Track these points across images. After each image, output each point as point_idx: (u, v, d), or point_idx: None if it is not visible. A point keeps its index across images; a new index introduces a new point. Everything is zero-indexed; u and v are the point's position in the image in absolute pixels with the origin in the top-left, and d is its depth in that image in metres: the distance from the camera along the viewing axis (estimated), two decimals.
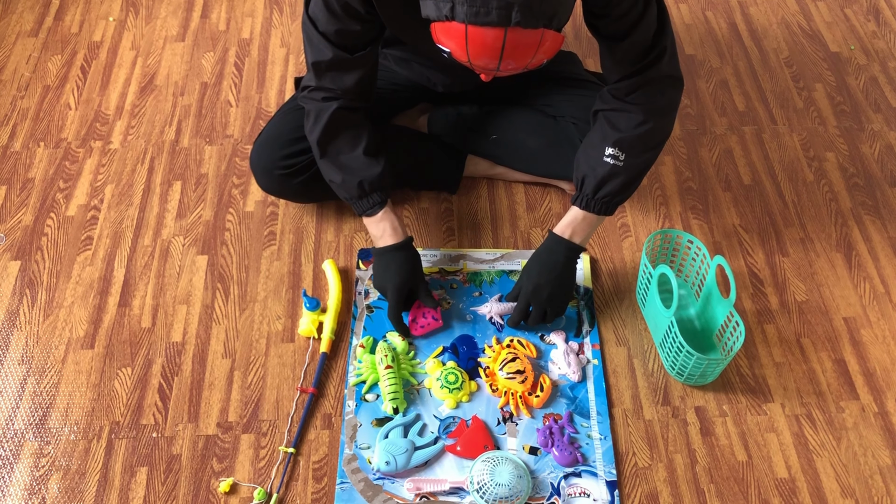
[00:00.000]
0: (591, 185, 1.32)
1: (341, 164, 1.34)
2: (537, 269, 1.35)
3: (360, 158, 1.34)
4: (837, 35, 2.00)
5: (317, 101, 1.33)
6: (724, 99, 1.83)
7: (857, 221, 1.60)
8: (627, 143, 1.30)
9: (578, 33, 1.97)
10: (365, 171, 1.34)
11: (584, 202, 1.33)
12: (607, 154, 1.30)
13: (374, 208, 1.35)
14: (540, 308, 1.35)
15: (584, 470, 1.25)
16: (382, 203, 1.36)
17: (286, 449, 1.25)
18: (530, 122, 1.54)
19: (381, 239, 1.36)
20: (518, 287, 1.37)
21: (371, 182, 1.34)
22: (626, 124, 1.30)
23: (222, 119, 1.75)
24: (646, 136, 1.31)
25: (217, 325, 1.41)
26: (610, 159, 1.30)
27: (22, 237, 1.53)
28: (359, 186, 1.34)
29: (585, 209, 1.34)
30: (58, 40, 1.92)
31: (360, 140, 1.34)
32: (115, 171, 1.64)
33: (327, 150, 1.35)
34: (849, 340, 1.42)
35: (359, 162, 1.34)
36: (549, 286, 1.34)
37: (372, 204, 1.35)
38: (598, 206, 1.33)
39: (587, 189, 1.33)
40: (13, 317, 1.42)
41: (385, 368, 1.31)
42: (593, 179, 1.31)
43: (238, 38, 1.94)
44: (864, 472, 1.27)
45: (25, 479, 1.23)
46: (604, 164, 1.30)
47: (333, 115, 1.32)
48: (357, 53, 1.29)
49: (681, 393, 1.34)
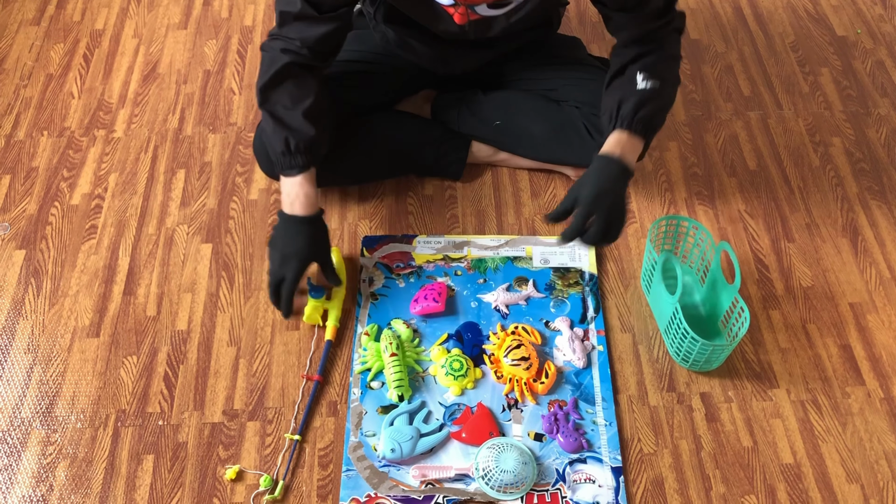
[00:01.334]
0: (630, 105, 1.28)
1: (278, 115, 1.32)
2: (595, 180, 1.25)
3: (297, 117, 1.31)
4: (844, 19, 1.98)
5: (274, 51, 1.32)
6: (730, 84, 1.82)
7: (864, 206, 1.59)
8: (656, 71, 1.30)
9: (582, 19, 1.96)
10: (297, 130, 1.31)
11: (626, 122, 1.28)
12: (640, 80, 1.30)
13: (294, 170, 1.32)
14: (603, 218, 1.24)
15: (589, 456, 1.25)
16: (304, 167, 1.32)
17: (292, 436, 1.25)
18: (534, 107, 1.53)
19: (291, 204, 1.33)
20: (572, 198, 1.26)
21: (299, 142, 1.31)
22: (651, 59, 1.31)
23: (225, 107, 1.74)
24: (668, 70, 1.33)
25: (222, 313, 1.41)
26: (644, 83, 1.29)
27: (26, 226, 1.53)
28: (284, 142, 1.31)
29: (628, 129, 1.29)
30: (60, 29, 1.92)
31: (304, 99, 1.32)
32: (119, 159, 1.64)
33: (268, 98, 1.32)
34: (855, 326, 1.42)
35: (295, 120, 1.31)
36: (612, 194, 1.25)
37: (293, 165, 1.31)
38: (639, 126, 1.29)
39: (625, 110, 1.29)
40: (19, 306, 1.42)
41: (390, 356, 1.31)
42: (632, 101, 1.29)
43: (241, 25, 1.93)
44: (869, 457, 1.27)
45: (33, 466, 1.24)
46: (640, 90, 1.29)
47: (285, 66, 1.31)
48: (326, 13, 1.28)
49: (686, 379, 1.34)
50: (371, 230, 1.53)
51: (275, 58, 1.32)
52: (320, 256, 1.35)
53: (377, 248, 1.49)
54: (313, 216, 1.33)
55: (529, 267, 1.47)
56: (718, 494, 1.22)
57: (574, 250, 1.49)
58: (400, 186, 1.60)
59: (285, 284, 1.32)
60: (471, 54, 1.49)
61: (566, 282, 1.45)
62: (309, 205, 1.33)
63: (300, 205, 1.32)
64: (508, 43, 1.50)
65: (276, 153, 1.33)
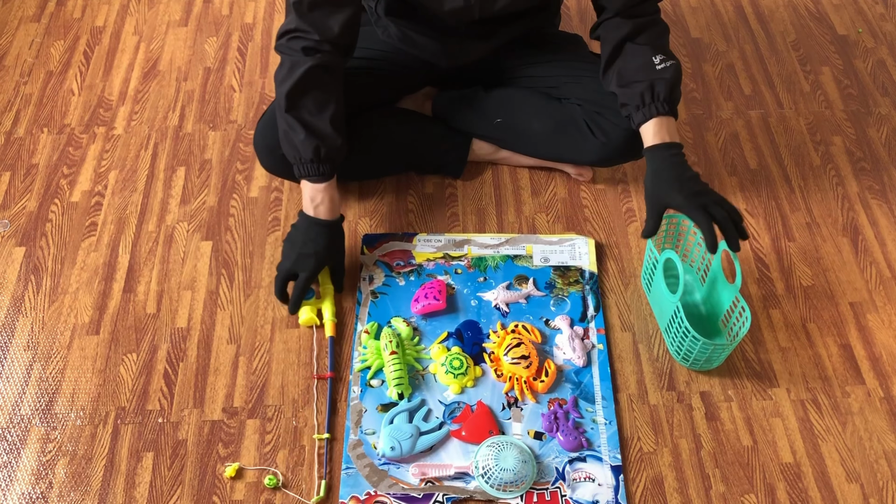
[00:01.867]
0: (664, 88, 1.31)
1: (306, 122, 1.33)
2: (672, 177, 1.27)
3: (326, 126, 1.33)
4: (845, 17, 1.98)
5: (295, 52, 1.32)
6: (731, 83, 1.82)
7: (864, 205, 1.59)
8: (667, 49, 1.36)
9: (583, 17, 1.96)
10: (327, 139, 1.33)
11: (665, 107, 1.31)
12: (658, 61, 1.33)
13: (322, 177, 1.35)
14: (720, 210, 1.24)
15: (588, 455, 1.25)
16: (330, 176, 1.35)
17: (321, 436, 1.25)
18: (535, 104, 1.53)
19: (315, 208, 1.35)
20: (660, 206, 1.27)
21: (328, 151, 1.33)
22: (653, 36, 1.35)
23: (226, 104, 1.74)
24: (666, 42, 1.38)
25: (222, 310, 1.41)
26: (662, 64, 1.33)
27: (26, 223, 1.53)
28: (315, 150, 1.32)
29: (666, 114, 1.31)
30: (60, 25, 1.92)
31: (329, 106, 1.34)
32: (119, 156, 1.64)
33: (295, 105, 1.33)
34: (855, 325, 1.42)
35: (324, 128, 1.33)
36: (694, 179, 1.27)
37: (321, 172, 1.34)
38: (673, 107, 1.33)
39: (660, 93, 1.31)
40: (18, 303, 1.42)
41: (390, 354, 1.31)
42: (664, 83, 1.31)
43: (241, 22, 1.93)
44: (869, 456, 1.27)
45: (32, 464, 1.24)
46: (665, 69, 1.33)
47: (309, 71, 1.31)
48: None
49: (686, 378, 1.34)
50: (371, 228, 1.53)
51: (297, 61, 1.32)
52: (335, 260, 1.39)
53: (377, 246, 1.49)
54: (335, 220, 1.37)
55: (530, 265, 1.47)
56: (718, 493, 1.22)
57: (575, 248, 1.49)
58: (400, 184, 1.59)
59: (298, 282, 1.34)
60: (472, 45, 1.49)
61: (566, 280, 1.45)
62: (333, 209, 1.36)
63: (325, 209, 1.35)
64: (509, 31, 1.49)
65: (305, 160, 1.34)
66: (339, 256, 1.40)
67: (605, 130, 1.47)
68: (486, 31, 1.47)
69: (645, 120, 1.32)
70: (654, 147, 1.31)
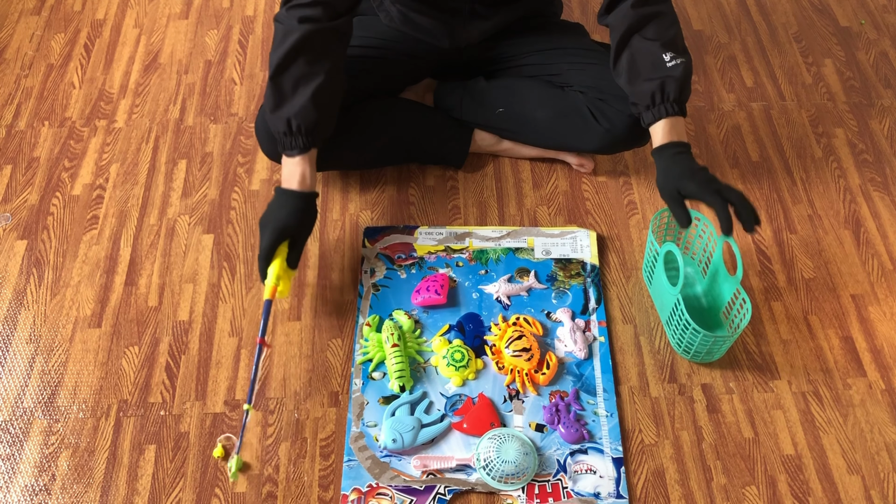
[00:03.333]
0: (674, 87, 1.31)
1: (284, 92, 1.31)
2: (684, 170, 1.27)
3: (303, 99, 1.30)
4: (847, 9, 1.98)
5: (291, 20, 1.30)
6: (732, 75, 1.82)
7: (866, 198, 1.59)
8: (674, 43, 1.34)
9: (585, 8, 1.95)
10: (300, 112, 1.30)
11: (675, 108, 1.31)
12: (668, 59, 1.32)
13: (294, 151, 1.31)
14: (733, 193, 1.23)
15: (590, 447, 1.25)
16: (304, 149, 1.31)
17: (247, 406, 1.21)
18: (538, 93, 1.53)
19: (287, 181, 1.32)
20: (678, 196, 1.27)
21: (300, 124, 1.30)
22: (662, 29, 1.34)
23: (227, 97, 1.74)
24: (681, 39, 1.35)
25: (223, 303, 1.41)
26: (673, 61, 1.32)
27: (28, 216, 1.53)
28: (286, 123, 1.30)
29: (675, 114, 1.31)
30: (61, 18, 1.91)
31: (315, 78, 1.30)
32: (120, 149, 1.64)
33: (280, 73, 1.31)
34: (856, 317, 1.42)
35: (300, 100, 1.30)
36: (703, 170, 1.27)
37: (294, 145, 1.31)
38: (682, 107, 1.32)
39: (671, 93, 1.31)
40: (20, 296, 1.42)
41: (391, 346, 1.31)
42: (675, 82, 1.31)
43: (242, 15, 1.92)
44: (870, 448, 1.27)
45: (35, 456, 1.24)
46: (675, 67, 1.32)
47: (300, 39, 1.29)
48: None
49: (687, 370, 1.34)
50: (373, 221, 1.53)
51: (291, 29, 1.30)
52: (298, 233, 1.31)
53: (379, 239, 1.49)
54: (304, 193, 1.32)
55: (531, 258, 1.47)
56: (719, 485, 1.23)
57: (576, 241, 1.49)
58: (402, 177, 1.59)
59: (261, 253, 1.29)
60: (473, 25, 1.48)
61: (568, 273, 1.45)
62: (303, 183, 1.31)
63: (295, 182, 1.31)
64: (511, 11, 1.49)
65: (278, 132, 1.32)
66: (302, 230, 1.32)
67: (608, 117, 1.46)
68: (487, 11, 1.47)
69: (655, 120, 1.32)
70: (662, 147, 1.31)
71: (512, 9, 1.49)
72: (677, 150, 1.30)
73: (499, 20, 1.49)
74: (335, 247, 1.49)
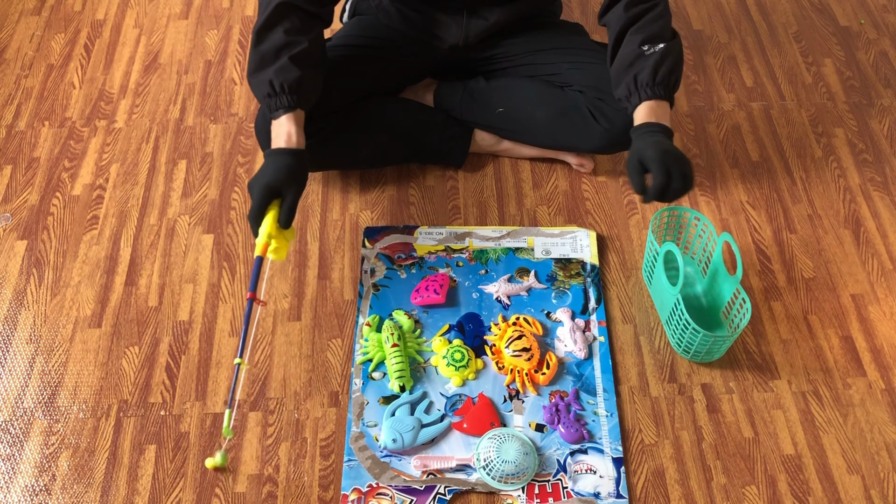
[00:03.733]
0: (646, 75, 1.31)
1: (265, 57, 1.30)
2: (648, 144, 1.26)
3: (284, 60, 1.29)
4: (847, 9, 1.98)
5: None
6: (732, 74, 1.82)
7: (866, 197, 1.59)
8: (657, 37, 1.34)
9: (585, 9, 1.95)
10: (281, 71, 1.29)
11: (649, 92, 1.31)
12: (645, 49, 1.32)
13: (280, 111, 1.29)
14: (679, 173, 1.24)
15: (590, 447, 1.25)
16: (290, 108, 1.29)
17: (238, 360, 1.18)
18: (538, 92, 1.53)
19: (275, 142, 1.30)
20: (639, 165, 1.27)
21: (283, 83, 1.28)
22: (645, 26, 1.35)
23: (227, 97, 1.74)
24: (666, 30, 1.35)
25: (224, 303, 1.41)
26: (650, 49, 1.32)
27: (28, 217, 1.53)
28: (269, 84, 1.29)
29: (653, 97, 1.31)
30: (61, 18, 1.91)
31: (294, 46, 1.30)
32: (121, 150, 1.64)
33: (260, 41, 1.31)
34: (856, 317, 1.42)
35: (280, 62, 1.29)
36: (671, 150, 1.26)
37: (279, 105, 1.29)
38: (660, 90, 1.31)
39: (642, 80, 1.31)
40: (21, 296, 1.42)
41: (391, 346, 1.31)
42: (646, 70, 1.31)
43: (242, 15, 1.92)
44: (870, 448, 1.27)
45: (36, 456, 1.24)
46: (649, 55, 1.32)
47: (279, 6, 1.30)
48: None
49: (687, 370, 1.34)
50: (373, 221, 1.53)
51: (272, 2, 1.31)
52: (287, 189, 1.26)
53: (379, 239, 1.49)
54: (291, 149, 1.28)
55: (531, 258, 1.47)
56: (719, 485, 1.23)
57: (576, 241, 1.49)
58: (401, 177, 1.59)
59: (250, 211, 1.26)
60: (471, 24, 1.48)
61: (568, 273, 1.45)
62: (289, 141, 1.28)
63: (282, 141, 1.29)
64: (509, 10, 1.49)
65: (263, 96, 1.30)
66: (290, 185, 1.26)
67: (608, 116, 1.46)
68: (486, 11, 1.47)
69: (633, 108, 1.33)
70: (637, 127, 1.31)
71: (511, 8, 1.49)
72: (651, 129, 1.29)
73: (498, 20, 1.49)
74: (335, 247, 1.49)
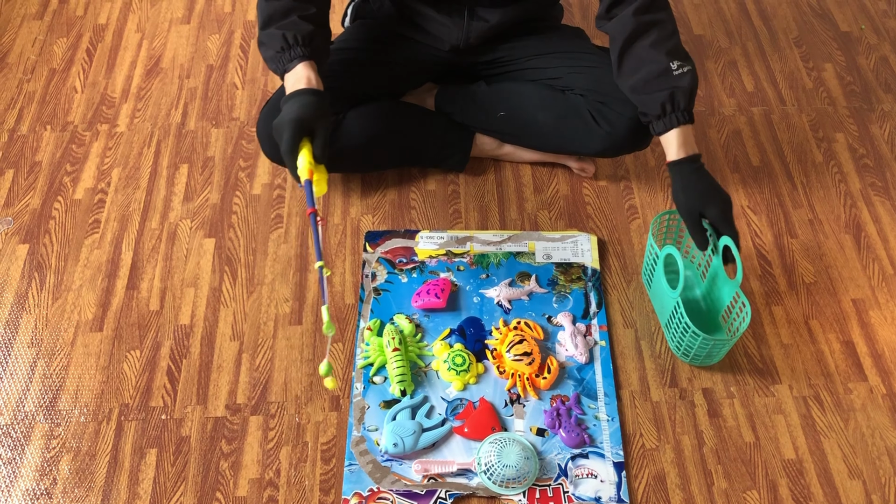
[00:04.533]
0: (685, 97, 1.31)
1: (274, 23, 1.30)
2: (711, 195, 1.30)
3: (294, 18, 1.29)
4: (848, 14, 1.98)
5: None
6: (733, 79, 1.82)
7: (867, 202, 1.59)
8: (678, 51, 1.34)
9: (585, 12, 1.96)
10: (293, 26, 1.29)
11: (685, 116, 1.32)
12: (675, 67, 1.32)
13: (295, 61, 1.28)
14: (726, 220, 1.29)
15: (591, 451, 1.25)
16: (305, 57, 1.28)
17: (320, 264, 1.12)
18: (539, 96, 1.53)
19: (294, 87, 1.28)
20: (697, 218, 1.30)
21: (296, 34, 1.28)
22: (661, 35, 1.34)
23: (228, 102, 1.74)
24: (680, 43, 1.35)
25: (225, 307, 1.41)
26: (679, 69, 1.32)
27: (30, 220, 1.53)
28: (282, 38, 1.28)
29: (686, 123, 1.32)
30: (63, 23, 1.92)
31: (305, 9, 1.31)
32: (122, 154, 1.64)
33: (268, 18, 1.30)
34: (857, 322, 1.42)
35: (292, 20, 1.29)
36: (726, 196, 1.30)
37: (293, 56, 1.28)
38: (691, 115, 1.33)
39: (680, 102, 1.31)
40: (22, 300, 1.42)
41: (392, 351, 1.31)
42: (685, 92, 1.31)
43: (244, 19, 1.93)
44: (871, 453, 1.27)
45: (36, 460, 1.24)
46: (682, 76, 1.32)
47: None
48: None
49: (688, 374, 1.34)
50: (374, 225, 1.53)
51: None
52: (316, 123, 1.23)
53: (380, 243, 1.50)
54: (313, 88, 1.26)
55: (532, 262, 1.47)
56: (720, 490, 1.23)
57: (577, 245, 1.49)
58: (403, 181, 1.60)
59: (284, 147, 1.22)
60: (473, 27, 1.48)
61: (569, 277, 1.45)
62: (310, 83, 1.27)
63: (303, 83, 1.27)
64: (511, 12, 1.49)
65: (275, 52, 1.29)
66: (319, 120, 1.24)
67: (609, 120, 1.47)
68: (487, 14, 1.47)
69: (666, 129, 1.32)
70: (680, 162, 1.31)
71: (511, 10, 1.49)
72: (695, 165, 1.31)
73: (498, 22, 1.49)
74: (336, 251, 1.49)
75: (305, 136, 1.23)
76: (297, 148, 1.21)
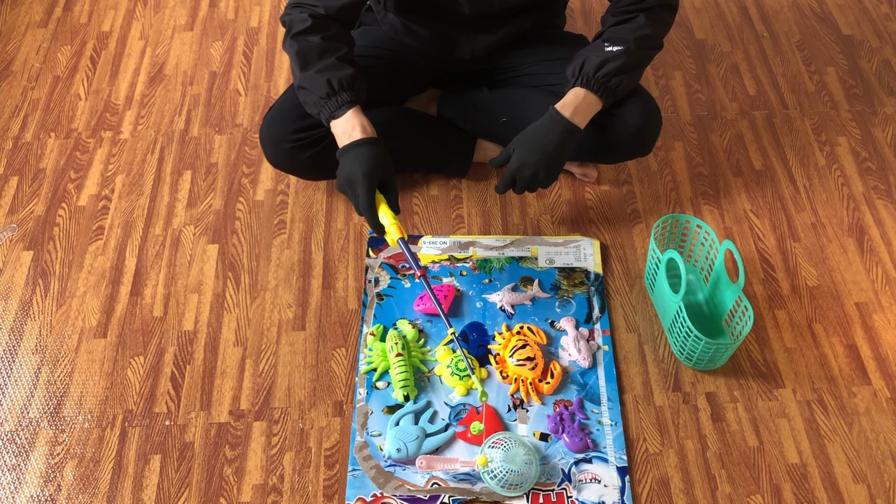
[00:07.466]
0: (593, 64, 1.35)
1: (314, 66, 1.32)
2: (529, 146, 1.36)
3: (332, 61, 1.32)
4: (850, 17, 1.98)
5: (298, 14, 1.34)
6: (735, 83, 1.82)
7: (870, 206, 1.59)
8: (622, 39, 1.37)
9: (587, 18, 1.96)
10: (333, 68, 1.31)
11: (584, 80, 1.35)
12: (607, 48, 1.36)
13: (343, 107, 1.31)
14: (523, 184, 1.38)
15: (594, 456, 1.25)
16: (352, 102, 1.31)
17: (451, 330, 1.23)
18: (541, 102, 1.53)
19: (349, 135, 1.30)
20: (507, 154, 1.39)
21: (341, 79, 1.30)
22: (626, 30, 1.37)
23: (231, 108, 1.75)
24: (643, 39, 1.37)
25: (228, 313, 1.42)
26: (610, 47, 1.36)
27: (34, 227, 1.54)
28: (327, 84, 1.30)
29: (585, 87, 1.36)
30: (67, 31, 1.93)
31: (336, 51, 1.33)
32: (126, 160, 1.65)
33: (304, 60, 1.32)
34: (861, 325, 1.41)
35: (330, 63, 1.31)
36: (534, 166, 1.36)
37: (341, 103, 1.31)
38: (598, 85, 1.35)
39: (588, 69, 1.35)
40: (26, 306, 1.43)
41: (395, 356, 1.31)
42: (594, 60, 1.35)
43: (246, 26, 1.94)
44: (875, 457, 1.27)
45: (41, 466, 1.24)
46: (605, 51, 1.36)
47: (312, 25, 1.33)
48: None
49: (691, 379, 1.34)
50: None
51: (298, 20, 1.34)
52: (386, 175, 1.29)
53: (383, 249, 1.50)
54: (374, 138, 1.30)
55: (535, 267, 1.47)
56: (724, 494, 1.22)
57: (580, 250, 1.49)
58: (405, 187, 1.60)
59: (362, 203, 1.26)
60: (477, 39, 1.49)
61: (571, 282, 1.45)
62: (365, 131, 1.30)
63: (358, 132, 1.30)
64: (515, 25, 1.49)
65: (320, 99, 1.31)
66: (389, 171, 1.30)
67: (611, 126, 1.47)
68: (492, 25, 1.48)
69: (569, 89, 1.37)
70: (554, 111, 1.36)
71: (518, 22, 1.50)
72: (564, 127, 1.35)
73: (504, 34, 1.50)
74: (339, 256, 1.49)
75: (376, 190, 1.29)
76: (374, 204, 1.27)
